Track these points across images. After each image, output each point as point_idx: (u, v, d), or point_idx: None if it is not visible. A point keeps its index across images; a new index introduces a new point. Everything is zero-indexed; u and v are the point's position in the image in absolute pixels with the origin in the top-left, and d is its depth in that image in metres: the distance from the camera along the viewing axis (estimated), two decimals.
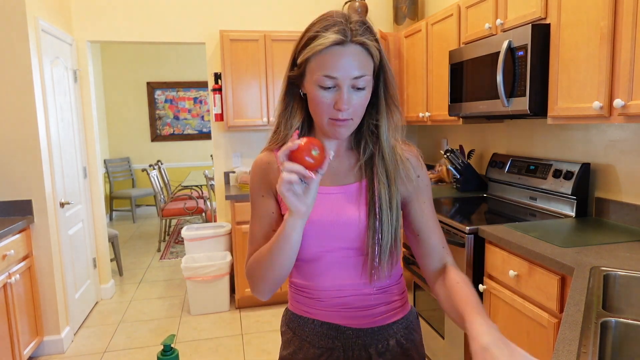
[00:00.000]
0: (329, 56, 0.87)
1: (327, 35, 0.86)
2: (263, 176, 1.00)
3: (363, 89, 0.90)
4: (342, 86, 0.87)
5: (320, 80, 0.88)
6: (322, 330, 0.99)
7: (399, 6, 3.64)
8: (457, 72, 2.53)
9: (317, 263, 0.98)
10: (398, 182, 0.97)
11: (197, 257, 3.49)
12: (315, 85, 0.89)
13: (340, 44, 0.86)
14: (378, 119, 0.98)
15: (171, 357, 2.25)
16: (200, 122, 7.24)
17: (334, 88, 0.88)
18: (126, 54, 6.81)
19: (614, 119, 1.61)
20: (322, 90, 0.89)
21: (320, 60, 0.88)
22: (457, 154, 2.95)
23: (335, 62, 0.86)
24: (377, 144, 0.98)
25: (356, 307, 0.98)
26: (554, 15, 1.86)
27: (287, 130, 1.00)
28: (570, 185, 2.13)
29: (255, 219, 1.01)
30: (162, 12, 3.54)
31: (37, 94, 2.68)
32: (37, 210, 2.72)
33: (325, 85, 0.88)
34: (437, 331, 2.36)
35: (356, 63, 0.87)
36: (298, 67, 0.93)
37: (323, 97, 0.89)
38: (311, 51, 0.88)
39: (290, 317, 1.05)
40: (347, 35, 0.86)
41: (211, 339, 3.01)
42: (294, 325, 1.04)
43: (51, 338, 2.84)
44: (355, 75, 0.87)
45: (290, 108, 1.00)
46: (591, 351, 0.90)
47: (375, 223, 0.94)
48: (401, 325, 1.02)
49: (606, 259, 1.51)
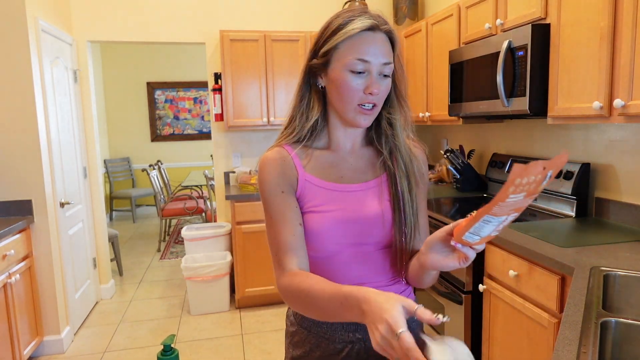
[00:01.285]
0: (362, 40, 0.89)
1: (359, 20, 0.90)
2: (281, 171, 0.96)
3: (388, 77, 0.93)
4: (372, 71, 0.90)
5: (353, 64, 0.89)
6: (341, 326, 0.97)
7: (399, 6, 3.64)
8: (457, 72, 2.53)
9: (336, 258, 0.96)
10: (414, 174, 0.99)
11: (197, 257, 3.49)
12: (346, 70, 0.90)
13: (372, 29, 0.90)
14: (392, 113, 1.00)
15: (171, 357, 2.25)
16: (200, 122, 7.24)
17: (363, 74, 0.90)
18: (126, 54, 6.81)
19: (614, 119, 1.61)
20: (353, 75, 0.90)
21: (351, 44, 0.90)
22: (457, 154, 2.95)
23: (367, 46, 0.89)
24: (395, 138, 1.00)
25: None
26: (554, 15, 1.86)
27: (303, 123, 0.99)
28: (570, 185, 2.13)
29: (279, 220, 0.94)
30: (162, 12, 3.54)
31: (37, 94, 2.68)
32: (37, 210, 2.72)
33: (357, 69, 0.89)
34: (437, 331, 2.36)
35: (385, 50, 0.91)
36: (322, 56, 0.94)
37: (353, 82, 0.90)
38: (343, 36, 0.90)
39: (303, 315, 1.01)
40: (379, 23, 0.91)
41: (211, 339, 3.01)
42: (308, 324, 1.01)
43: (51, 338, 2.84)
44: (384, 61, 0.90)
45: (307, 100, 0.99)
46: (591, 351, 0.90)
47: (401, 217, 0.95)
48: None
49: (606, 259, 1.51)
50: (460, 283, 2.12)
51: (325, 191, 0.98)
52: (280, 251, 0.92)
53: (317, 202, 0.97)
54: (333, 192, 0.98)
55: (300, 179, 0.98)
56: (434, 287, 2.31)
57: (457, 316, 2.15)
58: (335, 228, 0.94)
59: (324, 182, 0.98)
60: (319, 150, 1.02)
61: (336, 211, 0.95)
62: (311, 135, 1.00)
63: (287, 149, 1.00)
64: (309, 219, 0.96)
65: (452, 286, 2.19)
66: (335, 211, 0.95)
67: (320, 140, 1.03)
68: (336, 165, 1.01)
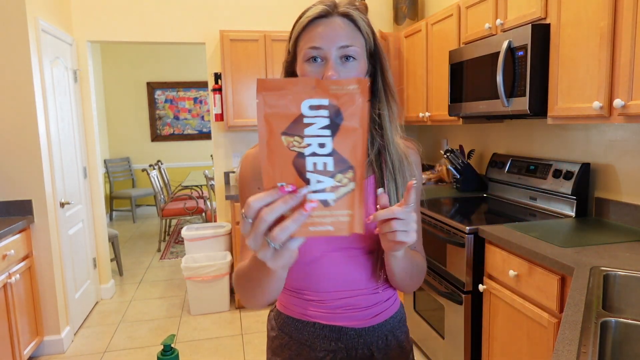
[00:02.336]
0: (312, 28, 0.86)
1: (312, 9, 0.87)
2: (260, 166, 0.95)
3: (355, 59, 0.86)
4: (329, 57, 0.84)
5: (306, 54, 0.86)
6: (323, 333, 0.95)
7: (399, 6, 3.64)
8: (457, 72, 2.53)
9: (321, 263, 0.93)
10: (403, 176, 0.94)
11: (197, 257, 3.49)
12: (303, 62, 0.87)
13: (325, 16, 0.86)
14: (380, 108, 0.93)
15: (171, 357, 2.25)
16: (200, 122, 7.24)
17: (321, 61, 0.85)
18: (126, 54, 6.81)
19: (614, 119, 1.61)
20: (309, 64, 0.86)
21: (306, 35, 0.87)
22: (457, 154, 2.95)
23: (319, 32, 0.85)
24: (383, 136, 0.94)
25: (359, 307, 0.95)
26: (554, 15, 1.86)
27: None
28: (570, 185, 2.13)
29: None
30: (162, 12, 3.54)
31: (37, 94, 2.68)
32: (37, 210, 2.72)
33: (311, 57, 0.85)
34: (437, 331, 2.36)
35: (342, 32, 0.85)
36: (289, 52, 0.92)
37: (310, 72, 0.86)
38: (297, 29, 0.88)
39: (285, 320, 0.99)
40: (331, 8, 0.86)
41: (211, 339, 3.01)
42: (289, 329, 0.98)
43: (51, 338, 2.83)
44: (341, 44, 0.84)
45: None
46: (591, 351, 0.90)
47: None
48: (396, 319, 1.01)
49: (606, 259, 1.51)
50: (460, 283, 2.12)
51: None
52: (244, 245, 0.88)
53: None
54: None
55: None
56: (434, 287, 2.32)
57: (457, 316, 2.15)
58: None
59: None
60: None
61: None
62: None
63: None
64: None
65: (452, 286, 2.19)
66: None
67: None
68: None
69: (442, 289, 2.27)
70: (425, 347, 2.55)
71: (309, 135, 0.55)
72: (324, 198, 0.55)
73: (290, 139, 0.55)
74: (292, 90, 0.54)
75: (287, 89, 0.54)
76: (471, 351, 2.12)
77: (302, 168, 0.55)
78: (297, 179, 0.55)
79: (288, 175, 0.55)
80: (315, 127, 0.55)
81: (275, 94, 0.54)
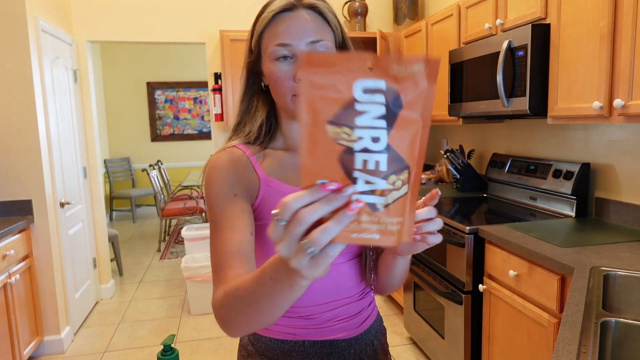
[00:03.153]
0: (278, 23, 0.79)
1: (274, 2, 0.80)
2: (235, 172, 0.83)
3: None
4: (298, 54, 0.78)
5: (274, 52, 0.79)
6: (314, 351, 0.89)
7: (399, 6, 3.64)
8: (457, 72, 2.53)
9: None
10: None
11: (197, 257, 3.49)
12: (271, 60, 0.80)
13: (290, 9, 0.79)
14: None
15: (171, 357, 2.25)
16: (200, 122, 7.24)
17: (291, 59, 0.79)
18: (126, 54, 6.82)
19: (614, 119, 1.61)
20: (278, 63, 0.80)
21: (271, 31, 0.80)
22: (457, 154, 2.95)
23: (285, 28, 0.78)
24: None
25: (346, 317, 0.91)
26: (554, 15, 1.86)
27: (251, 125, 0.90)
28: (570, 185, 2.13)
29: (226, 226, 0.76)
30: (162, 12, 3.54)
31: (37, 94, 2.68)
32: (37, 210, 2.72)
33: (280, 55, 0.79)
34: (437, 331, 2.37)
35: (310, 26, 0.79)
36: (252, 50, 0.85)
37: (280, 71, 0.80)
38: (261, 24, 0.81)
39: (267, 343, 0.88)
40: (296, 0, 0.79)
41: (211, 339, 3.01)
42: (274, 353, 0.88)
43: (51, 338, 2.84)
44: (310, 39, 0.79)
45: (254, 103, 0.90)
46: (591, 351, 0.90)
47: None
48: (377, 322, 0.98)
49: (606, 259, 1.51)
50: (460, 283, 2.12)
51: None
52: (223, 262, 0.73)
53: None
54: None
55: (263, 184, 0.84)
56: (434, 287, 2.32)
57: (457, 316, 2.15)
58: None
59: (289, 186, 0.85)
60: (278, 150, 0.90)
61: None
62: (265, 136, 0.90)
63: (242, 148, 0.88)
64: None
65: (452, 286, 2.19)
66: None
67: (277, 141, 0.91)
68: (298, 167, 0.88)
69: (442, 289, 2.27)
70: (425, 347, 2.55)
71: (361, 127, 0.45)
72: (373, 201, 0.46)
73: (337, 129, 0.45)
74: (344, 67, 0.44)
75: (338, 66, 0.44)
76: (471, 351, 2.12)
77: (350, 165, 0.46)
78: (343, 177, 0.46)
79: (332, 173, 0.46)
80: (368, 116, 0.44)
81: (324, 71, 0.43)
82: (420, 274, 2.51)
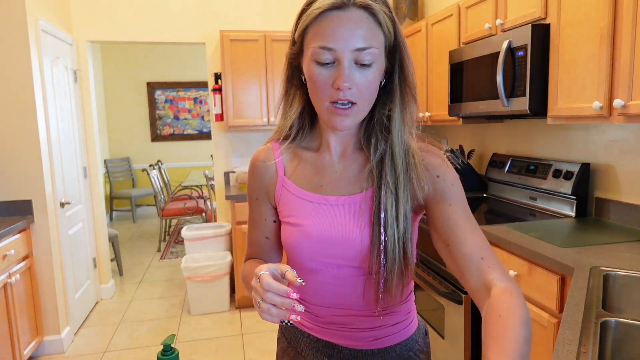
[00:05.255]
0: (325, 23, 0.73)
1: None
2: (260, 176, 0.90)
3: (370, 66, 0.74)
4: (341, 60, 0.72)
5: (316, 53, 0.74)
6: (317, 346, 0.91)
7: (399, 6, 3.64)
8: (457, 72, 2.53)
9: (314, 276, 0.86)
10: (407, 187, 0.80)
11: (197, 257, 3.49)
12: (311, 61, 0.75)
13: (340, 7, 0.72)
14: (391, 109, 0.81)
15: (171, 357, 2.25)
16: (200, 122, 7.24)
17: (333, 64, 0.74)
18: (126, 54, 6.81)
19: (614, 119, 1.61)
20: (319, 66, 0.74)
21: (316, 29, 0.74)
22: (457, 154, 2.95)
23: (332, 29, 0.72)
24: (389, 140, 0.81)
25: (356, 327, 0.88)
26: (554, 15, 1.86)
27: (284, 121, 0.88)
28: (570, 185, 2.13)
29: (251, 222, 0.95)
30: (162, 12, 3.54)
31: (37, 94, 2.68)
32: (37, 210, 2.72)
33: (322, 59, 0.73)
34: (437, 331, 2.37)
35: (360, 31, 0.72)
36: (295, 42, 0.80)
37: (319, 75, 0.74)
38: (307, 19, 0.75)
39: (285, 325, 0.97)
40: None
41: (211, 339, 3.01)
42: (289, 335, 0.97)
43: (51, 338, 2.84)
44: (358, 46, 0.72)
45: (291, 99, 0.87)
46: (591, 351, 0.90)
47: (380, 242, 0.79)
48: (405, 347, 0.91)
49: (606, 259, 1.51)
50: (460, 283, 2.11)
51: (301, 201, 0.86)
52: (248, 245, 0.98)
53: (291, 212, 0.87)
54: (309, 203, 0.85)
55: (279, 184, 0.89)
56: (434, 287, 2.31)
57: (457, 316, 2.15)
58: (307, 244, 0.83)
59: (301, 190, 0.86)
60: (308, 151, 0.89)
61: (308, 226, 0.83)
62: (297, 134, 0.89)
63: (275, 147, 0.91)
64: (284, 230, 0.88)
65: (452, 286, 2.19)
66: (306, 226, 0.83)
67: (313, 140, 0.90)
68: (320, 171, 0.87)
69: (442, 289, 2.27)
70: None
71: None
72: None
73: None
74: None
75: None
76: (471, 351, 2.12)
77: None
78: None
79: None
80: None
81: None
82: (420, 274, 2.51)
